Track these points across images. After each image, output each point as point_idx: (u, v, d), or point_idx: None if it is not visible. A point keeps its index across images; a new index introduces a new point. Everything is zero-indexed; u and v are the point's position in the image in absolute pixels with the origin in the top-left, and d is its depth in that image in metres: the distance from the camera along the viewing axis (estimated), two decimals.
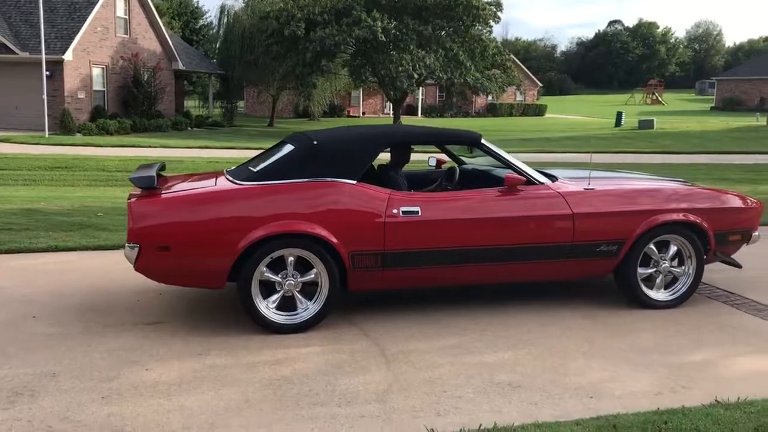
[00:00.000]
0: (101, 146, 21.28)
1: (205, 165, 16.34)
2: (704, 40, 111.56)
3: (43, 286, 5.71)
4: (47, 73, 24.02)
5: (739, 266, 5.64)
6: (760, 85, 57.57)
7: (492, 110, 55.73)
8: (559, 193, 5.10)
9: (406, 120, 40.57)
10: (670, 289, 5.39)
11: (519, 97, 58.71)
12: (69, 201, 10.22)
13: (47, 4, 25.40)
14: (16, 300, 5.32)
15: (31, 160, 16.60)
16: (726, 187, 11.67)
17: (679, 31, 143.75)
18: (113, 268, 6.17)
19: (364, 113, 52.62)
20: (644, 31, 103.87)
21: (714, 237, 5.32)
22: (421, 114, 53.11)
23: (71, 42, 25.38)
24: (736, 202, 5.58)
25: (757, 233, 5.68)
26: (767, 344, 4.60)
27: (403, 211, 4.75)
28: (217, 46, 41.01)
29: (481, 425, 3.42)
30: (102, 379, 3.92)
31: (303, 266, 4.71)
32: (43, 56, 23.50)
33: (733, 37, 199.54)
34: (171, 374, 4.01)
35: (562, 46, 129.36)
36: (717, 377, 4.07)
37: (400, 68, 31.86)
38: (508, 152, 5.41)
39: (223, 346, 4.45)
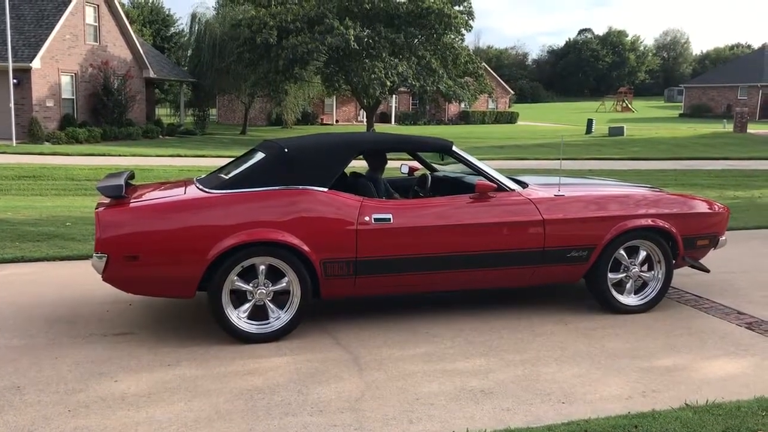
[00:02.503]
0: (70, 155, 20.96)
1: (177, 173, 16.19)
2: (672, 48, 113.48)
3: (8, 297, 5.59)
4: (14, 81, 23.63)
5: (707, 270, 5.72)
6: (726, 93, 58.72)
7: (465, 118, 56.07)
8: (529, 199, 5.13)
9: (379, 127, 40.62)
10: (640, 294, 5.45)
11: (491, 105, 59.11)
12: (37, 210, 10.04)
13: (14, 11, 25.04)
14: None
15: None
16: (695, 192, 11.87)
17: (648, 40, 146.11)
18: (81, 279, 6.07)
19: (337, 121, 52.58)
20: (614, 40, 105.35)
21: (682, 242, 5.39)
22: (395, 121, 53.22)
23: (39, 49, 24.98)
24: (704, 208, 5.66)
25: (724, 238, 5.77)
26: (735, 347, 4.67)
27: (375, 219, 4.75)
28: (189, 53, 40.69)
29: None
30: (69, 392, 3.85)
31: (274, 275, 4.68)
32: (10, 64, 23.12)
33: (700, 45, 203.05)
34: (140, 386, 3.95)
35: (534, 54, 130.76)
36: (686, 381, 4.11)
37: (373, 76, 31.90)
38: (480, 159, 5.44)
39: (193, 357, 4.39)
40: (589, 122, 38.90)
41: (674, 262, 5.45)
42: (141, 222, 4.55)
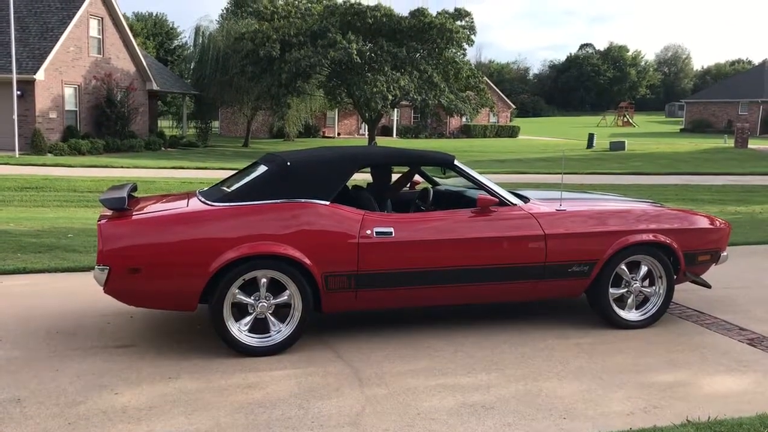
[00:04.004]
0: (73, 166, 21.02)
1: (179, 185, 16.22)
2: (673, 63, 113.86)
3: (9, 308, 5.59)
4: (18, 92, 23.75)
5: (708, 286, 5.71)
6: (727, 108, 58.88)
7: (466, 131, 56.17)
8: (531, 214, 5.14)
9: (381, 141, 40.72)
10: (641, 309, 5.44)
11: (492, 119, 59.25)
12: (39, 222, 10.06)
13: (19, 23, 25.20)
14: None
15: (0, 180, 16.33)
16: (695, 207, 11.88)
17: (649, 55, 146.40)
18: (83, 291, 6.07)
19: (339, 134, 52.71)
20: (615, 55, 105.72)
21: (683, 257, 5.39)
22: (396, 135, 53.35)
23: (43, 61, 25.14)
24: (705, 223, 5.67)
25: (725, 253, 5.77)
26: (737, 364, 4.66)
27: (376, 232, 4.75)
28: (192, 66, 40.92)
29: None
30: (69, 404, 3.84)
31: (276, 288, 4.68)
32: (14, 76, 23.25)
33: (701, 60, 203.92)
34: (141, 398, 3.94)
35: (535, 68, 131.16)
36: (688, 397, 4.10)
37: (375, 89, 32.04)
38: (482, 173, 5.45)
39: (194, 370, 4.39)
40: (591, 137, 38.97)
41: (675, 277, 5.44)
42: (143, 234, 4.56)
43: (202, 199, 4.91)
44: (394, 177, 6.04)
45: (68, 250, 7.79)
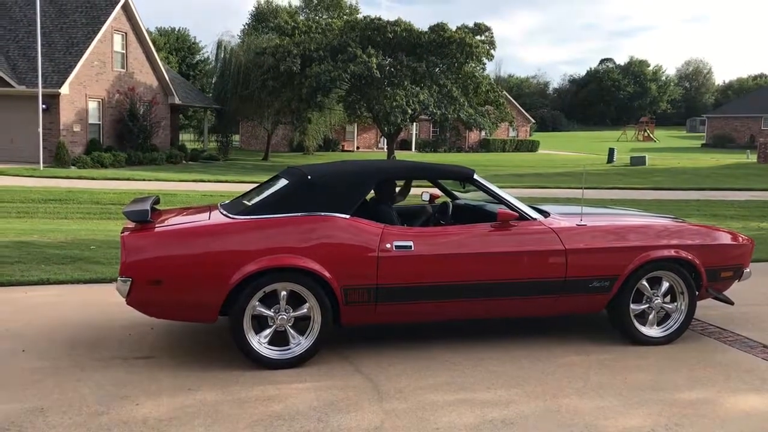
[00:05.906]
0: (96, 179, 21.28)
1: (200, 198, 16.36)
2: (694, 78, 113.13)
3: (33, 319, 5.67)
4: (44, 106, 24.14)
5: (731, 303, 5.65)
6: (749, 123, 58.31)
7: (485, 146, 56.15)
8: (551, 228, 5.13)
9: (400, 155, 40.78)
10: (662, 326, 5.39)
11: (512, 133, 59.18)
12: (62, 234, 10.19)
13: (45, 38, 25.65)
14: (5, 333, 5.28)
15: (25, 192, 16.57)
16: (717, 223, 11.75)
17: (670, 69, 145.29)
18: (105, 302, 6.13)
19: (358, 147, 52.89)
20: (635, 69, 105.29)
21: (706, 273, 5.34)
22: (415, 149, 53.43)
23: (68, 76, 25.55)
24: (727, 239, 5.61)
25: (748, 270, 5.71)
26: (760, 382, 4.59)
27: (396, 246, 4.77)
28: (213, 80, 41.39)
29: None
30: (91, 415, 3.88)
31: (296, 300, 4.70)
32: (40, 90, 23.64)
33: (722, 75, 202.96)
34: (161, 410, 3.97)
35: (555, 83, 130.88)
36: (710, 414, 4.05)
37: (395, 104, 32.16)
38: (501, 188, 5.45)
39: (214, 381, 4.41)
40: (611, 151, 38.75)
41: (697, 293, 5.39)
42: (165, 246, 4.61)
43: (224, 212, 4.96)
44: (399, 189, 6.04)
45: (91, 261, 7.89)
